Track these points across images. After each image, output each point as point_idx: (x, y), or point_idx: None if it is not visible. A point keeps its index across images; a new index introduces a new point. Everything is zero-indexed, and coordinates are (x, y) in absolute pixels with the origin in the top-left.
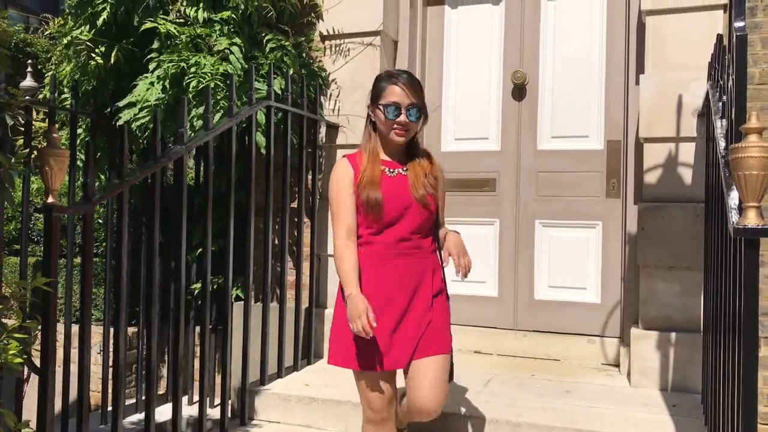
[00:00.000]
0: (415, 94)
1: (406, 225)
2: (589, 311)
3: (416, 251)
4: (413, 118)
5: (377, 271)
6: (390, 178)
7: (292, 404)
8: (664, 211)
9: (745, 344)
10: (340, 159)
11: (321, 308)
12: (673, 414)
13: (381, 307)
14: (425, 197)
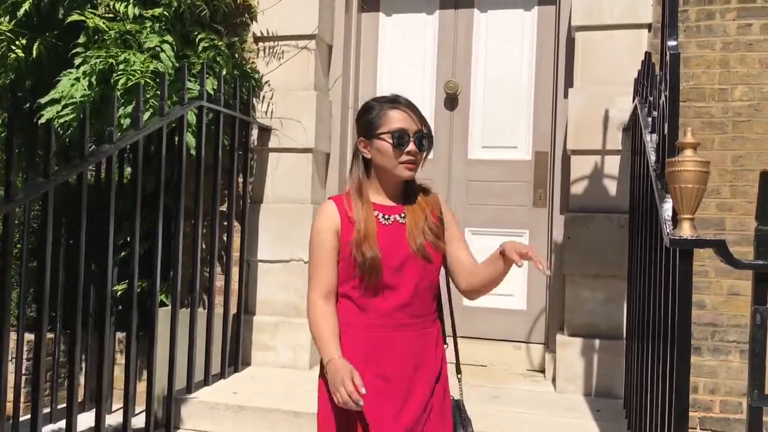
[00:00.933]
0: (421, 120)
1: (406, 286)
2: (515, 318)
3: (418, 320)
4: (423, 147)
5: (368, 348)
6: (385, 228)
7: (221, 412)
8: (589, 221)
9: (678, 351)
10: (325, 202)
11: (249, 315)
12: (597, 419)
13: (374, 392)
14: (424, 247)
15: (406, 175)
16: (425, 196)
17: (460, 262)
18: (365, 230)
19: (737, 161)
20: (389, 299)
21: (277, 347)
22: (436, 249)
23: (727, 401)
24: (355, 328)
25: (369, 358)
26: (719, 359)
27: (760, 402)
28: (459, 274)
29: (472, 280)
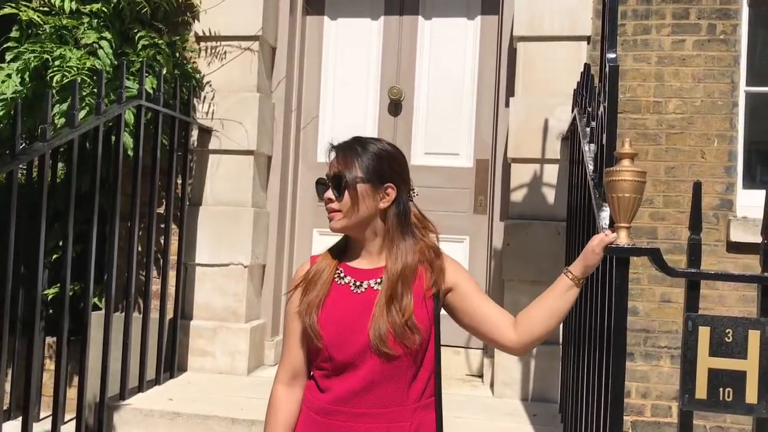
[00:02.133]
0: (342, 161)
1: (370, 371)
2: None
3: (386, 410)
4: (337, 192)
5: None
6: (352, 297)
7: (155, 419)
8: (528, 228)
9: (614, 356)
10: (305, 261)
11: (187, 319)
12: (533, 423)
13: None
14: (383, 339)
15: (332, 227)
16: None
17: (492, 318)
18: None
19: (670, 172)
20: (348, 381)
21: (215, 353)
22: (400, 341)
23: (658, 405)
24: (310, 410)
25: None
26: (651, 364)
27: (691, 406)
28: (497, 329)
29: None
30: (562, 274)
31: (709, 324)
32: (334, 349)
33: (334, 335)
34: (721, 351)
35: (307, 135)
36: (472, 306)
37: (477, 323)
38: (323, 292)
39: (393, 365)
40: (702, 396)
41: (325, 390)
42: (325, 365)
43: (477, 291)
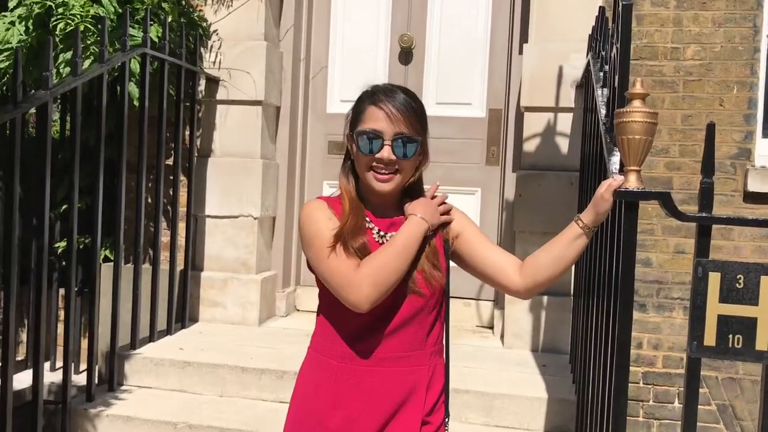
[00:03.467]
0: (407, 121)
1: (402, 315)
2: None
3: (406, 354)
4: (403, 153)
5: (338, 385)
6: (377, 246)
7: (165, 368)
8: (540, 178)
9: (621, 303)
10: (313, 200)
11: (197, 271)
12: (543, 373)
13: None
14: (415, 279)
15: (378, 188)
16: None
17: (497, 263)
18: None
19: (687, 120)
20: (372, 327)
21: (226, 303)
22: (428, 281)
23: (669, 356)
24: (326, 355)
25: (338, 399)
26: (663, 316)
27: (699, 353)
28: (502, 274)
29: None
30: (573, 221)
31: (720, 270)
32: None
33: None
34: (731, 297)
35: (316, 85)
36: (476, 251)
37: (482, 268)
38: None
39: (418, 309)
40: (711, 343)
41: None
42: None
43: (480, 236)
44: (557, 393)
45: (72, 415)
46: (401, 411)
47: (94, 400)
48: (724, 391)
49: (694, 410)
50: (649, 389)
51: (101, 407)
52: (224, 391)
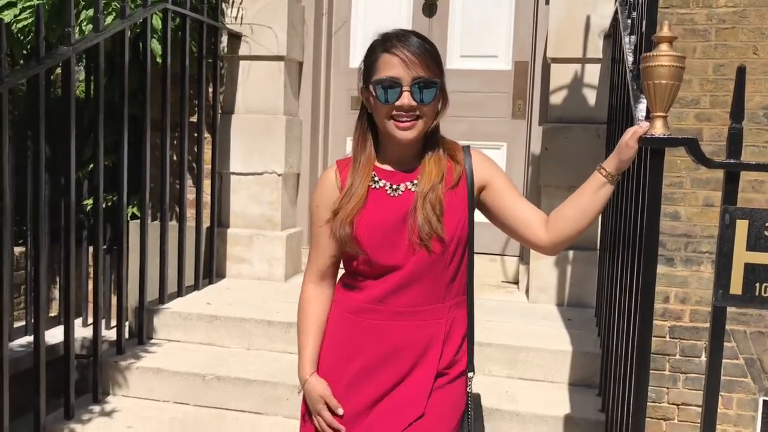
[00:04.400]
0: (423, 64)
1: (411, 269)
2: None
3: (422, 309)
4: (423, 98)
5: (353, 337)
6: (390, 201)
7: (193, 322)
8: (567, 131)
9: (645, 252)
10: (329, 167)
11: (223, 227)
12: (568, 327)
13: (353, 383)
14: (427, 237)
15: (400, 136)
16: (451, 157)
17: (524, 217)
18: (343, 205)
19: (719, 70)
20: (386, 282)
21: (252, 259)
22: (442, 237)
23: (697, 311)
24: (343, 309)
25: (353, 350)
26: (691, 269)
27: (725, 302)
28: (529, 229)
29: (561, 227)
30: (595, 170)
31: (748, 217)
32: (375, 255)
33: (374, 242)
34: (759, 245)
35: (339, 40)
36: (504, 204)
37: (509, 221)
38: (359, 203)
39: (432, 264)
40: (737, 291)
41: (359, 290)
42: (365, 269)
43: (509, 188)
44: (582, 346)
45: (103, 367)
46: (418, 364)
47: (125, 353)
48: (753, 345)
49: (719, 360)
50: (675, 343)
51: (131, 360)
52: (251, 344)
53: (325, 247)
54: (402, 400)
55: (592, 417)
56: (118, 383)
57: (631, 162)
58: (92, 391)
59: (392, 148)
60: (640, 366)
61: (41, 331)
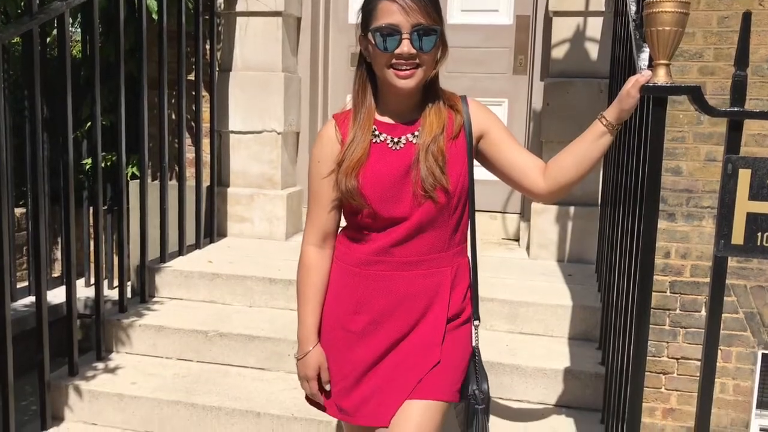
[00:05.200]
0: (423, 11)
1: (416, 220)
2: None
3: (426, 258)
4: (423, 46)
5: (360, 290)
6: (391, 154)
7: (195, 280)
8: (569, 86)
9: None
10: (327, 122)
11: (223, 187)
12: (569, 282)
13: (363, 334)
14: (431, 187)
15: (400, 85)
16: (451, 107)
17: (522, 165)
18: (348, 156)
19: (723, 22)
20: (391, 234)
21: (253, 218)
22: (445, 187)
23: (697, 265)
24: (346, 263)
25: (360, 303)
26: (692, 225)
27: (726, 252)
28: (527, 178)
29: (559, 175)
30: (596, 119)
31: (751, 166)
32: (380, 207)
33: (380, 194)
34: (761, 194)
35: None
36: (502, 153)
37: (507, 170)
38: (364, 155)
39: (437, 213)
40: (738, 241)
41: (364, 242)
42: (369, 222)
43: (507, 137)
44: (582, 300)
45: (106, 325)
46: (427, 312)
47: (127, 311)
48: (753, 299)
49: (719, 309)
50: (676, 298)
51: (134, 318)
52: (253, 301)
53: (327, 202)
54: (417, 348)
55: (591, 370)
56: (121, 341)
57: (633, 112)
58: (96, 348)
59: (392, 99)
60: (640, 320)
61: (42, 287)
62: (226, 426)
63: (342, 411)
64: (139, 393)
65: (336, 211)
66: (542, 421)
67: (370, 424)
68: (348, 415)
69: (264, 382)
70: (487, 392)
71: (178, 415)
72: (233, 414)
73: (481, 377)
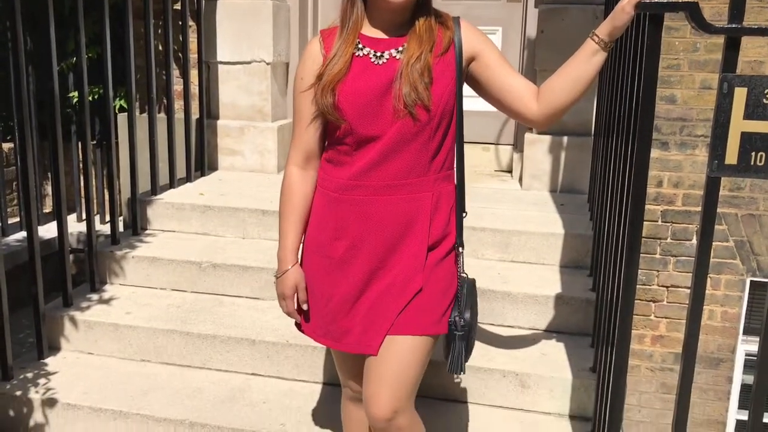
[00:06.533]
0: None
1: (388, 141)
2: (485, 119)
3: (409, 182)
4: None
5: (339, 215)
6: (373, 68)
7: (187, 213)
8: (564, 13)
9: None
10: (313, 38)
11: (213, 119)
12: (560, 211)
13: (343, 261)
14: (411, 104)
15: (398, 1)
16: (437, 24)
17: (515, 89)
18: (327, 70)
19: None
20: (369, 153)
21: (244, 151)
22: (425, 105)
23: (689, 194)
24: (328, 189)
25: (339, 228)
26: (685, 153)
27: (719, 172)
28: (520, 102)
29: (553, 98)
30: (588, 38)
31: (747, 84)
32: (358, 124)
33: (357, 110)
34: (757, 113)
35: None
36: (494, 76)
37: (499, 94)
38: (343, 69)
39: (416, 133)
40: (732, 161)
41: (343, 166)
42: (347, 140)
43: (500, 60)
44: (574, 229)
45: (99, 257)
46: (405, 239)
47: (120, 244)
48: (743, 228)
49: (710, 232)
50: (667, 227)
51: (127, 249)
52: (246, 233)
53: (308, 119)
54: (399, 276)
55: (582, 296)
56: (114, 272)
57: (625, 28)
58: (89, 280)
59: (382, 15)
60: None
61: (33, 219)
62: (221, 353)
63: (326, 336)
64: (135, 323)
65: (319, 129)
66: (533, 346)
67: (356, 351)
68: (335, 341)
69: (258, 311)
70: (469, 321)
71: (174, 343)
72: (228, 342)
73: (465, 306)
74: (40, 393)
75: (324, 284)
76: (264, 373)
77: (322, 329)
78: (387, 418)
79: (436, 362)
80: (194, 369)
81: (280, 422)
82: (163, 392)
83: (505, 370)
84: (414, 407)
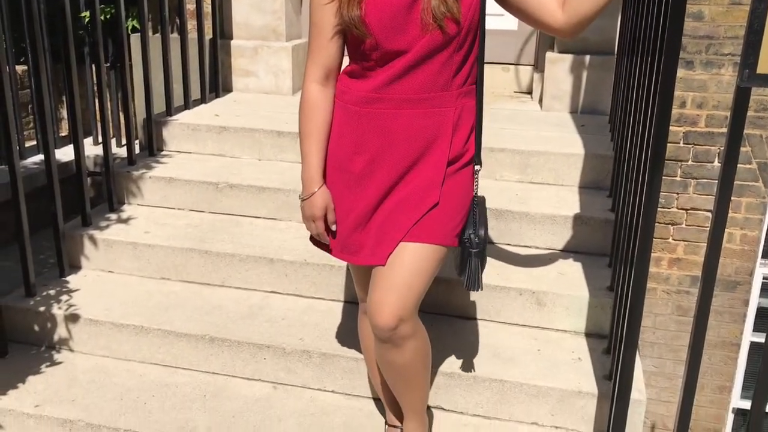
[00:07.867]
0: None
1: (419, 51)
2: (505, 39)
3: (431, 96)
4: None
5: (360, 128)
6: None
7: (203, 134)
8: None
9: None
10: None
11: (226, 39)
12: (581, 132)
13: (362, 176)
14: (439, 15)
15: None
16: None
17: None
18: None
19: None
20: (393, 67)
21: (258, 72)
22: (453, 17)
23: (713, 115)
24: (346, 102)
25: (359, 143)
26: (711, 73)
27: (750, 82)
28: (545, 10)
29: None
30: None
31: None
32: (384, 38)
33: (384, 23)
34: None
35: None
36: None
37: (523, 4)
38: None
39: (442, 47)
40: (765, 70)
41: (365, 79)
42: (372, 55)
43: None
44: (594, 149)
45: (116, 178)
46: (426, 154)
47: (137, 164)
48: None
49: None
50: (689, 149)
51: (143, 170)
52: (262, 154)
53: (330, 32)
54: (417, 189)
55: (601, 216)
56: (132, 192)
57: None
58: (107, 200)
59: None
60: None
61: (49, 138)
62: (240, 271)
63: (343, 251)
64: (153, 241)
65: (339, 43)
66: (550, 266)
67: (370, 263)
68: (351, 255)
69: (276, 231)
70: (484, 238)
71: (193, 261)
72: (247, 260)
73: (479, 223)
74: (63, 309)
75: (344, 199)
76: (282, 291)
77: (340, 244)
78: (392, 326)
79: (453, 280)
80: (214, 287)
81: (298, 337)
82: (183, 309)
83: (522, 288)
84: (418, 319)
